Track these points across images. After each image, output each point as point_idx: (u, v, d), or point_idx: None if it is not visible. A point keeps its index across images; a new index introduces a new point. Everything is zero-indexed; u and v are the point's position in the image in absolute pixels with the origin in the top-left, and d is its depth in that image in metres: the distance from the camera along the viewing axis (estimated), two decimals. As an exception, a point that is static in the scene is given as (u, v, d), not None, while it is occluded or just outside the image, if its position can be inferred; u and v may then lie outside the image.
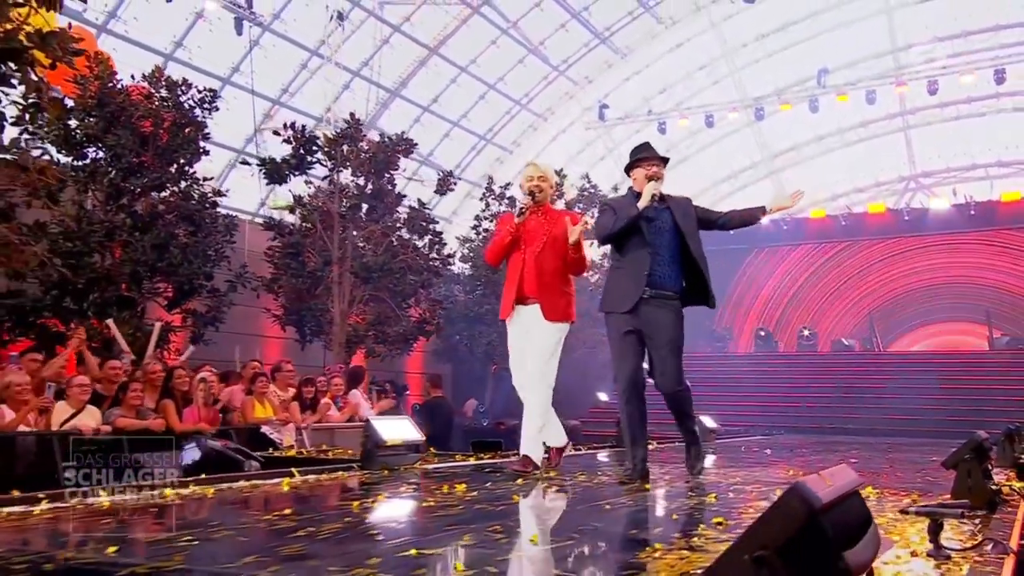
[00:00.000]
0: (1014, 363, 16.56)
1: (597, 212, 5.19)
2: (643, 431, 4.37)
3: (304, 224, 12.62)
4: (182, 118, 10.42)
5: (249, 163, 12.35)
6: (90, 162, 9.87)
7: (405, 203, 13.42)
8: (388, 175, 12.78)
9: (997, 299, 20.31)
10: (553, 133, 24.14)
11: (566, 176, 16.93)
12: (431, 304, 13.41)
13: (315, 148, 12.15)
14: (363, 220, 12.94)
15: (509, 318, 4.69)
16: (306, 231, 12.57)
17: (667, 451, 7.30)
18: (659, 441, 7.99)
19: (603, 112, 22.86)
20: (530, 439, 4.56)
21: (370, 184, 12.72)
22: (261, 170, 11.85)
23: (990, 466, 3.42)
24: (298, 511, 3.37)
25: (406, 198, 13.39)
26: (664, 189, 4.54)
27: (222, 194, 11.10)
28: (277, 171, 11.72)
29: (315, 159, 12.22)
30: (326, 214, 12.45)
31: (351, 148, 12.45)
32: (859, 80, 21.25)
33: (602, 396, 16.66)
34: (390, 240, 12.80)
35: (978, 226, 21.00)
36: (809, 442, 9.47)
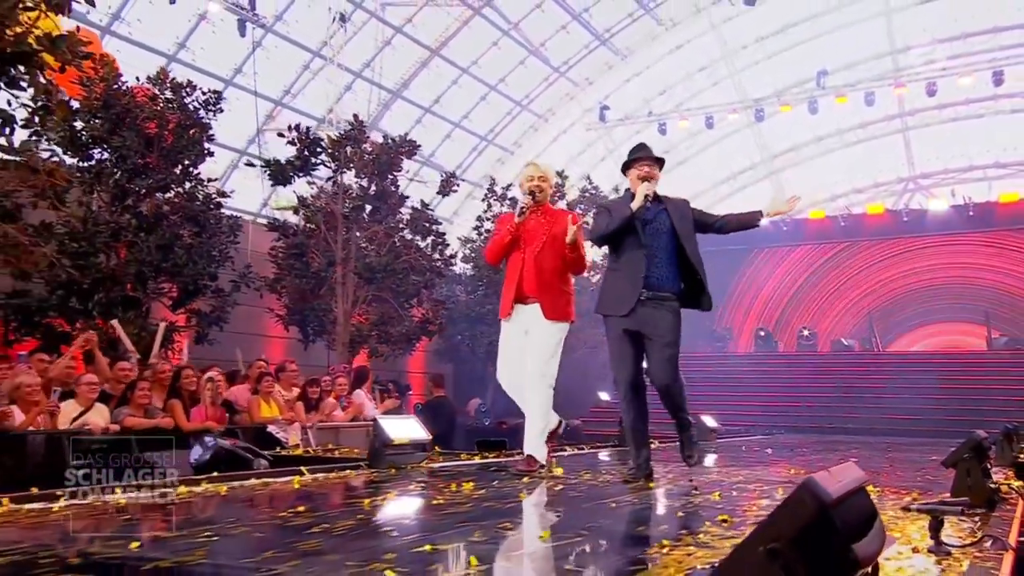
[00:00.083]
0: (1012, 363, 16.52)
1: (594, 213, 5.19)
2: (645, 431, 4.40)
3: (308, 225, 12.63)
4: (187, 120, 10.42)
5: (255, 164, 12.39)
6: (95, 163, 9.87)
7: (408, 204, 13.42)
8: (391, 176, 12.80)
9: (995, 299, 20.23)
10: (554, 134, 24.08)
11: (567, 177, 16.94)
12: (434, 304, 13.41)
13: (319, 150, 12.17)
14: (366, 221, 12.94)
15: (508, 316, 4.67)
16: (310, 232, 12.57)
17: (669, 451, 7.35)
18: (660, 441, 8.04)
19: (604, 113, 22.80)
20: (534, 439, 4.56)
21: (373, 185, 12.74)
22: (266, 171, 11.88)
23: (989, 465, 3.45)
24: (311, 508, 3.40)
25: (409, 199, 13.40)
26: (664, 190, 4.52)
27: (226, 195, 11.11)
28: (282, 172, 11.74)
29: (319, 160, 12.24)
30: (330, 215, 12.45)
31: (355, 150, 12.47)
32: (858, 82, 21.17)
33: (603, 396, 16.66)
34: (393, 241, 12.82)
35: (976, 227, 20.95)
36: (809, 442, 9.48)
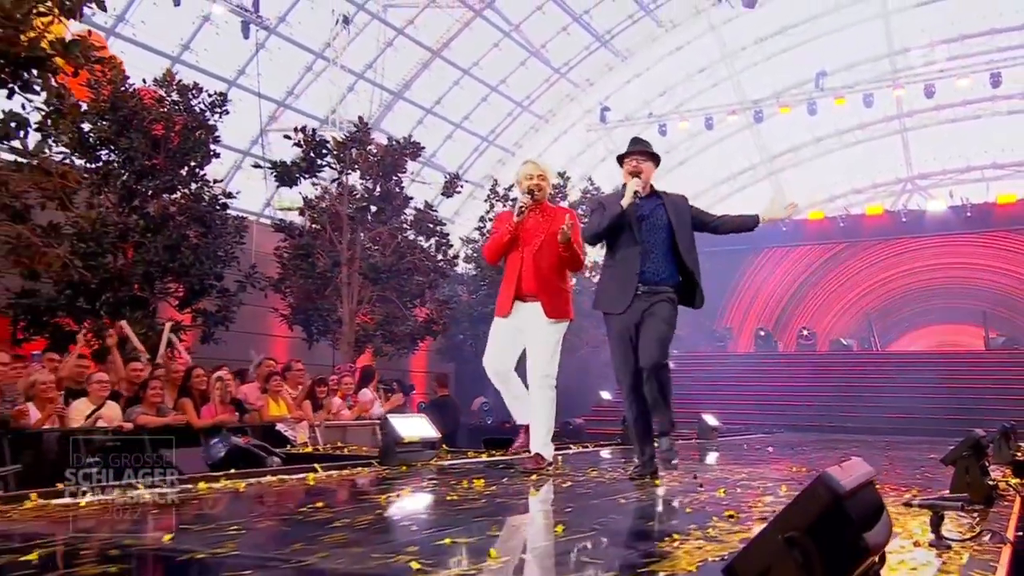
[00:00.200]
0: (1009, 363, 16.59)
1: (590, 211, 5.21)
2: (649, 429, 4.37)
3: (314, 226, 12.71)
4: (193, 121, 10.50)
5: (261, 166, 12.47)
6: (103, 165, 9.96)
7: (411, 205, 13.48)
8: (396, 178, 12.87)
9: (993, 300, 20.33)
10: (554, 135, 24.13)
11: (569, 178, 17.02)
12: (438, 304, 13.47)
13: (325, 151, 12.23)
14: (371, 222, 13.01)
15: (506, 315, 4.65)
16: (315, 233, 12.65)
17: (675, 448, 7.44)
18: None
19: (604, 114, 22.86)
20: (540, 438, 4.58)
21: (378, 187, 12.82)
22: (272, 173, 11.96)
23: (987, 463, 3.51)
24: (330, 504, 3.47)
25: (413, 200, 13.47)
26: (664, 189, 4.51)
27: (232, 196, 11.19)
28: (288, 174, 11.83)
29: (325, 162, 12.31)
30: (335, 216, 12.53)
31: (360, 151, 12.54)
32: (857, 83, 21.24)
33: (605, 395, 16.70)
34: (397, 242, 12.88)
35: (974, 228, 21.05)
36: (809, 440, 9.48)
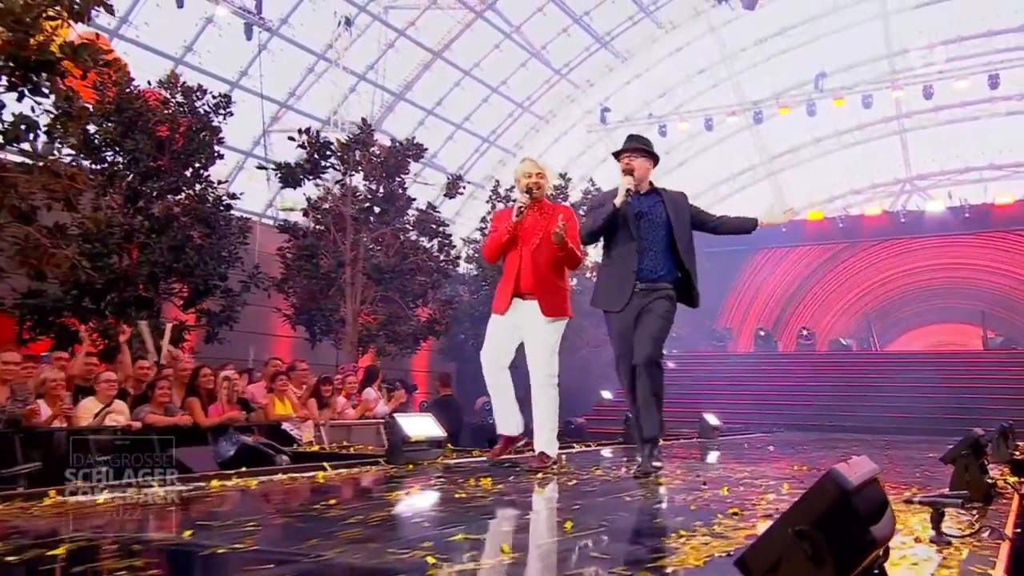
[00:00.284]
0: (1008, 363, 16.66)
1: (589, 208, 5.25)
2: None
3: (317, 227, 12.77)
4: (197, 123, 10.57)
5: (266, 167, 12.53)
6: (108, 166, 10.03)
7: (414, 206, 13.53)
8: (399, 179, 12.93)
9: (991, 300, 20.45)
10: (555, 135, 24.20)
11: (570, 179, 17.09)
12: (440, 304, 13.54)
13: (329, 153, 12.30)
14: (374, 223, 13.07)
15: (504, 312, 4.66)
16: (319, 234, 12.71)
17: (677, 447, 7.52)
18: (665, 438, 8.18)
19: (604, 115, 22.92)
20: (545, 437, 4.63)
21: (381, 188, 12.87)
22: (277, 174, 12.02)
23: (986, 462, 3.60)
24: (342, 501, 3.53)
25: (415, 201, 13.52)
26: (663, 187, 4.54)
27: (236, 197, 11.24)
28: (292, 175, 11.90)
29: (329, 163, 12.38)
30: (339, 217, 12.59)
31: (363, 153, 12.60)
32: (856, 84, 21.31)
33: (606, 394, 16.77)
34: (400, 242, 12.95)
35: (972, 228, 21.17)
36: (809, 439, 9.52)
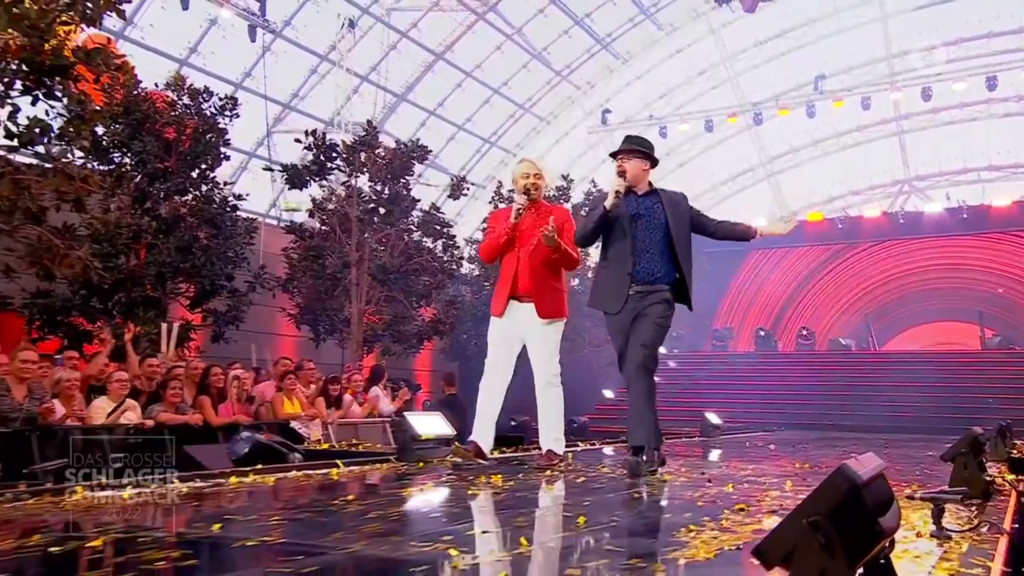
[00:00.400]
0: (1005, 362, 16.77)
1: (588, 209, 5.33)
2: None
3: (323, 228, 12.86)
4: (204, 125, 10.67)
5: (273, 169, 12.64)
6: (116, 167, 10.13)
7: (418, 207, 13.60)
8: (403, 180, 13.02)
9: (989, 300, 20.59)
10: (556, 136, 24.27)
11: (572, 180, 17.19)
12: (445, 304, 13.62)
13: (335, 155, 12.38)
14: (379, 224, 13.15)
15: (501, 314, 4.68)
16: (325, 234, 12.80)
17: (679, 445, 7.62)
18: (667, 437, 8.26)
19: (605, 116, 22.99)
20: (551, 435, 4.73)
21: (386, 189, 12.96)
22: (283, 175, 12.12)
23: (984, 460, 3.72)
24: (359, 497, 3.63)
25: (419, 202, 13.60)
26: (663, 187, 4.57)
27: (242, 198, 11.34)
28: (298, 176, 11.99)
29: (334, 165, 12.46)
30: (344, 218, 12.68)
31: (368, 154, 12.68)
32: (855, 86, 21.41)
33: (608, 393, 16.87)
34: (405, 243, 13.03)
35: (971, 229, 21.30)
36: (810, 438, 9.59)
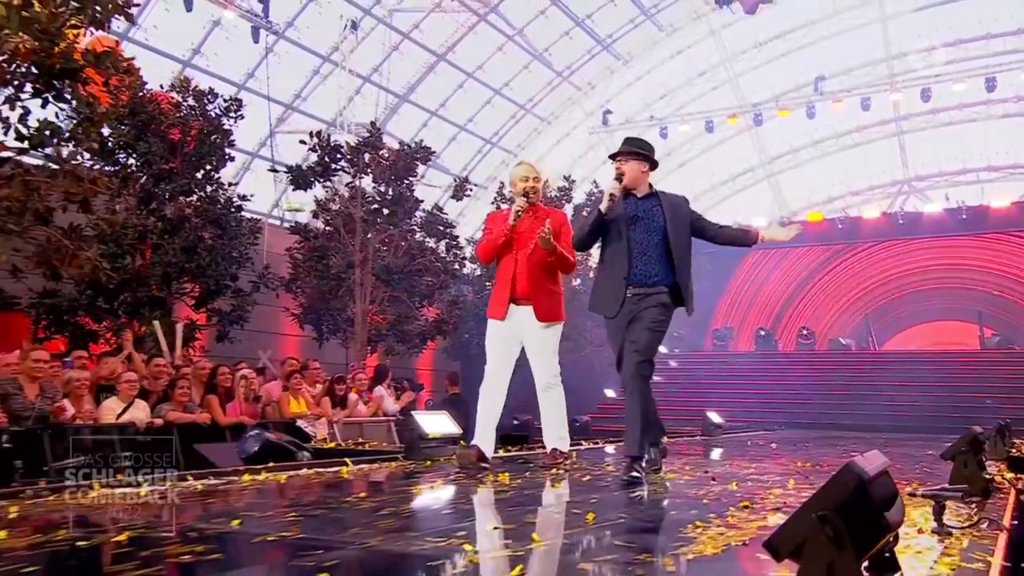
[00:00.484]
0: (1004, 362, 16.83)
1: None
2: (649, 427, 4.38)
3: (327, 228, 12.91)
4: (208, 126, 10.73)
5: (278, 170, 12.71)
6: (121, 168, 10.19)
7: (421, 208, 13.66)
8: (407, 181, 13.09)
9: (988, 300, 20.70)
10: (557, 137, 24.31)
11: (574, 181, 17.27)
12: (448, 304, 13.67)
13: (339, 156, 12.44)
14: (382, 224, 13.20)
15: (501, 317, 4.70)
16: (329, 235, 12.86)
17: (682, 444, 7.69)
18: (670, 436, 8.33)
19: (606, 117, 23.03)
20: (555, 433, 4.79)
21: (390, 190, 13.03)
22: (288, 176, 12.19)
23: (983, 458, 3.79)
24: (371, 494, 3.72)
25: (423, 203, 13.67)
26: (664, 190, 4.59)
27: (247, 199, 11.39)
28: (303, 177, 12.06)
29: (339, 166, 12.52)
30: (348, 218, 12.74)
31: (372, 156, 12.75)
32: (854, 87, 21.43)
33: (610, 393, 16.93)
34: (408, 244, 13.10)
35: (970, 229, 21.37)
36: (810, 437, 9.66)
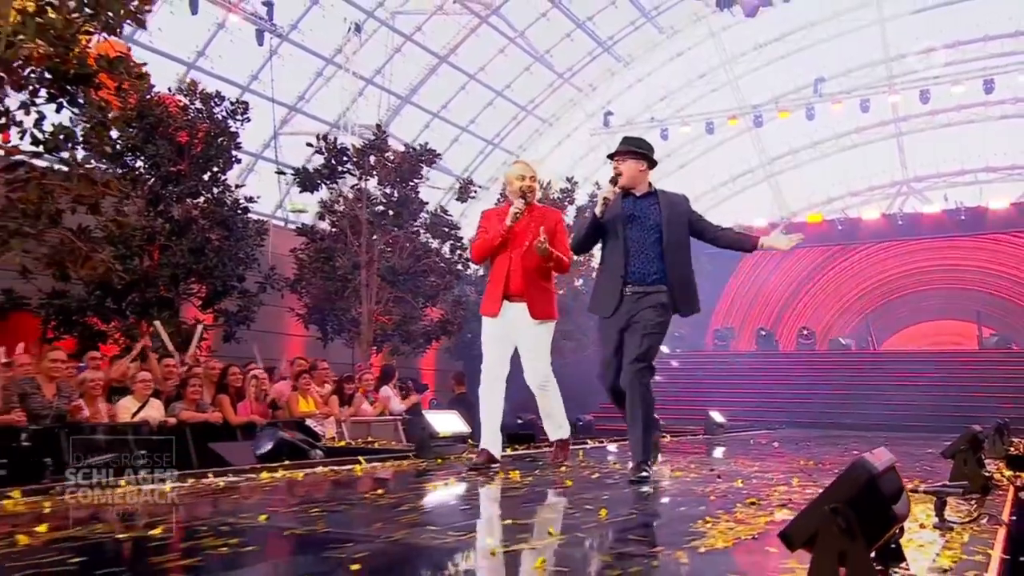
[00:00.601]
0: (1003, 361, 16.95)
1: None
2: (636, 430, 4.41)
3: (333, 230, 13.02)
4: (215, 128, 10.84)
5: (285, 172, 12.81)
6: (130, 170, 10.29)
7: (426, 209, 13.74)
8: (412, 183, 13.19)
9: (986, 300, 20.82)
10: (558, 138, 24.37)
11: (577, 182, 17.38)
12: (452, 305, 13.79)
13: (345, 158, 12.55)
14: (387, 226, 13.28)
15: (494, 315, 4.73)
16: (335, 236, 12.96)
17: (685, 443, 7.81)
18: (673, 435, 8.44)
19: (607, 119, 23.12)
20: (556, 422, 4.96)
21: (395, 192, 13.12)
22: (295, 178, 12.29)
23: (983, 457, 3.89)
24: (389, 491, 3.79)
25: (427, 204, 13.76)
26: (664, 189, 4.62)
27: (253, 200, 11.50)
28: (309, 179, 12.17)
29: (345, 169, 12.62)
30: (354, 220, 12.83)
31: (378, 158, 12.86)
32: (854, 88, 21.52)
33: (611, 393, 16.97)
34: (413, 245, 13.19)
35: (968, 230, 21.48)
36: (811, 436, 9.75)
